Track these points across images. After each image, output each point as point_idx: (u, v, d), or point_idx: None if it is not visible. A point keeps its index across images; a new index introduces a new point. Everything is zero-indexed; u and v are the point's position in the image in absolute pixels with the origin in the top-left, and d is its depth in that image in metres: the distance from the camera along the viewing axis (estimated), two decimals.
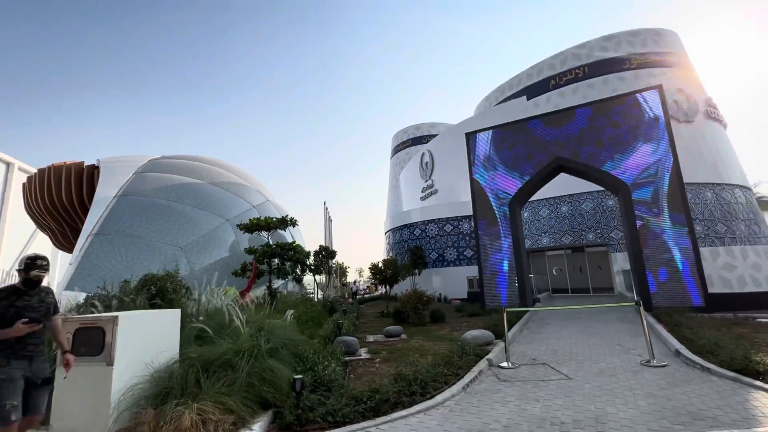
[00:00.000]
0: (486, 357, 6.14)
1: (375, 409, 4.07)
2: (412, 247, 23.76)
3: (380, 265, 15.33)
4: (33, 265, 3.11)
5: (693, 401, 4.05)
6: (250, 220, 13.53)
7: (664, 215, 10.75)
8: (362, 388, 4.49)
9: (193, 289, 7.43)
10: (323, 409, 3.91)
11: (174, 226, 20.90)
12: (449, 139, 26.55)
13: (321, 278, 20.03)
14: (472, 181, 14.19)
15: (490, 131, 14.25)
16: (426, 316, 11.21)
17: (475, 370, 5.51)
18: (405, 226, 26.29)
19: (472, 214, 23.26)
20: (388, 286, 14.83)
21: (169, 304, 6.34)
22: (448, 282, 22.41)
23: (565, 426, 3.59)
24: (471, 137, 14.47)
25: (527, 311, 10.81)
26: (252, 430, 3.59)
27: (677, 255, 10.31)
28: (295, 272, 14.04)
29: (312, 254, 16.03)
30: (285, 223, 13.12)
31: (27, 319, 2.95)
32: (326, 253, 17.17)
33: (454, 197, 25.34)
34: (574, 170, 12.83)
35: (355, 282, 35.38)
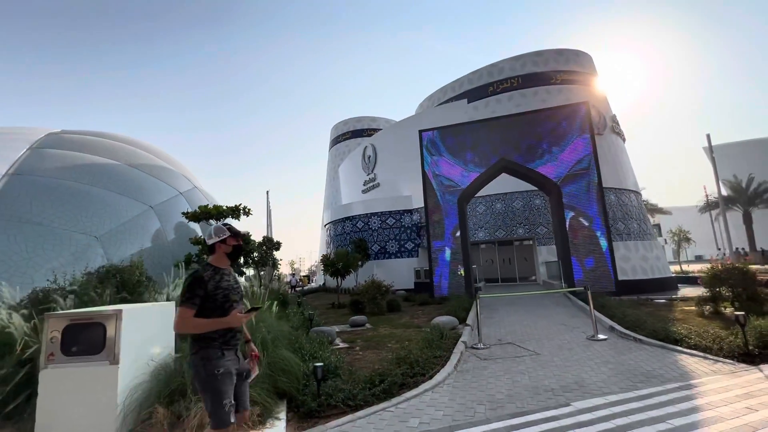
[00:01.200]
0: (460, 340, 6.69)
1: (388, 391, 4.28)
2: (356, 239, 23.96)
3: (331, 256, 15.31)
4: (237, 231, 2.51)
5: (640, 365, 4.99)
6: (199, 207, 12.48)
7: (588, 212, 12.54)
8: (363, 374, 4.66)
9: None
10: (342, 395, 4.01)
11: (86, 212, 18.19)
12: (392, 135, 27.18)
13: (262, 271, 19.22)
14: (424, 175, 14.85)
15: (442, 130, 15.04)
16: (384, 305, 11.58)
17: (457, 351, 5.99)
18: (347, 218, 26.34)
19: (413, 208, 24.34)
20: (340, 278, 14.88)
21: (138, 299, 5.77)
22: (390, 273, 23.04)
23: (557, 391, 4.20)
24: (425, 134, 15.09)
25: (473, 300, 11.79)
26: (279, 419, 3.57)
27: (599, 247, 12.17)
28: (242, 265, 13.33)
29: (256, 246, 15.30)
30: (237, 212, 12.32)
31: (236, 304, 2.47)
32: (270, 245, 16.45)
33: (396, 191, 26.10)
34: (515, 171, 14.23)
35: (293, 275, 34.48)
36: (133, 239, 19.35)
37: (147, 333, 3.84)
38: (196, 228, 26.82)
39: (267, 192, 19.66)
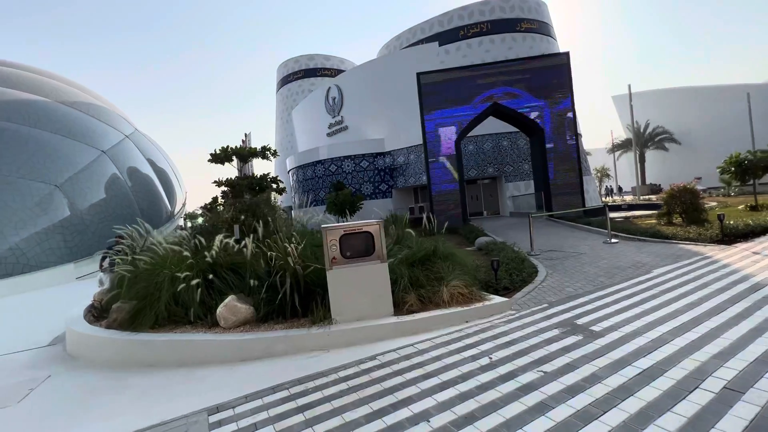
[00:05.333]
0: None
1: (526, 280, 5.85)
2: (335, 182, 24.40)
3: (334, 198, 16.04)
4: None
5: (662, 251, 7.24)
6: (222, 148, 11.98)
7: (565, 151, 14.95)
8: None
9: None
10: (508, 281, 5.48)
11: (39, 158, 16.09)
12: (360, 76, 26.84)
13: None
14: (423, 117, 15.81)
15: (437, 73, 15.85)
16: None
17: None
18: (317, 162, 26.35)
19: (387, 151, 25.24)
20: (344, 219, 15.80)
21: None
22: (368, 214, 24.37)
23: (628, 269, 6.16)
24: (421, 76, 15.76)
25: (472, 227, 13.81)
26: (486, 294, 4.93)
27: (575, 181, 14.83)
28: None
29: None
30: (265, 153, 12.18)
31: None
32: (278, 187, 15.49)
33: (365, 134, 26.53)
34: (504, 115, 15.91)
35: None
36: (94, 187, 17.81)
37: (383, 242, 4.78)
38: (149, 171, 24.77)
39: (246, 134, 18.53)
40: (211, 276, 4.50)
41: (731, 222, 8.02)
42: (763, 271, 5.20)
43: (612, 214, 16.60)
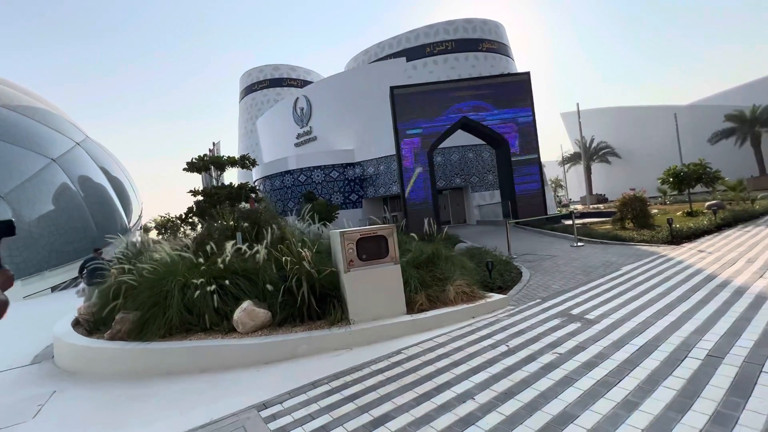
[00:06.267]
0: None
1: (515, 279, 6.36)
2: (305, 192, 24.23)
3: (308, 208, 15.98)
4: None
5: (624, 251, 8.12)
6: (199, 157, 11.68)
7: (528, 162, 16.09)
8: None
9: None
10: (500, 281, 5.94)
11: None
12: (329, 88, 27.09)
13: None
14: (396, 130, 16.34)
15: (410, 87, 16.52)
16: None
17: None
18: (287, 172, 26.08)
19: (356, 161, 25.54)
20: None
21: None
22: (339, 224, 24.42)
23: (599, 268, 6.88)
24: (395, 90, 16.33)
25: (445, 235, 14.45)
26: (487, 293, 5.33)
27: (537, 190, 15.94)
28: None
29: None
30: (244, 162, 12.00)
31: None
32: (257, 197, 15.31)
33: (333, 145, 26.70)
34: (472, 128, 16.86)
35: None
36: (43, 198, 16.51)
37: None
38: (103, 181, 23.26)
39: (214, 143, 18.04)
40: (227, 281, 4.51)
41: (677, 226, 9.14)
42: (711, 265, 6.07)
43: (568, 222, 17.95)
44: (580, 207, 34.36)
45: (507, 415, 2.50)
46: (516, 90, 16.36)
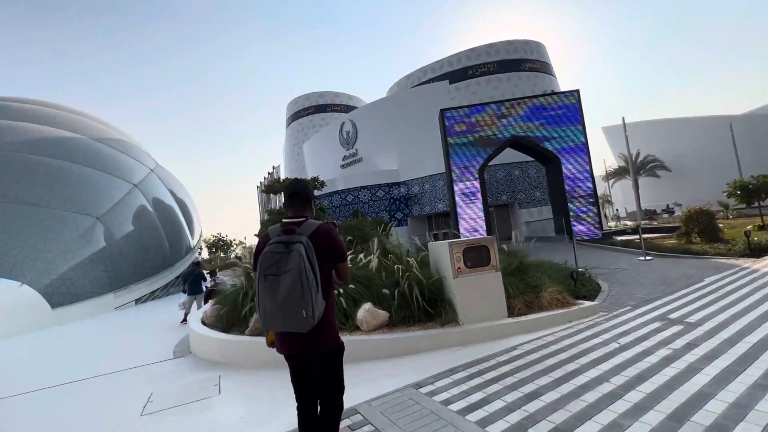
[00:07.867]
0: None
1: (597, 289, 6.64)
2: (354, 210, 25.24)
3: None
4: None
5: (701, 264, 8.14)
6: (275, 180, 12.83)
7: (581, 178, 16.13)
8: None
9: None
10: (584, 290, 6.27)
11: (81, 192, 16.73)
12: (374, 112, 28.42)
13: None
14: (445, 150, 16.99)
15: (459, 109, 17.22)
16: None
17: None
18: (335, 192, 27.31)
19: (401, 181, 26.37)
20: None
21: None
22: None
23: (679, 279, 7.00)
24: (444, 112, 17.09)
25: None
26: (576, 300, 5.68)
27: (592, 206, 15.91)
28: None
29: None
30: (315, 184, 13.08)
31: None
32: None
33: (378, 166, 27.75)
34: (523, 146, 17.21)
35: None
36: (128, 219, 18.33)
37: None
38: (172, 203, 25.29)
39: (273, 167, 19.58)
40: (351, 286, 5.20)
41: (755, 239, 9.00)
42: None
43: (622, 237, 17.60)
44: (630, 223, 33.14)
45: (647, 392, 2.91)
46: (564, 107, 16.63)
